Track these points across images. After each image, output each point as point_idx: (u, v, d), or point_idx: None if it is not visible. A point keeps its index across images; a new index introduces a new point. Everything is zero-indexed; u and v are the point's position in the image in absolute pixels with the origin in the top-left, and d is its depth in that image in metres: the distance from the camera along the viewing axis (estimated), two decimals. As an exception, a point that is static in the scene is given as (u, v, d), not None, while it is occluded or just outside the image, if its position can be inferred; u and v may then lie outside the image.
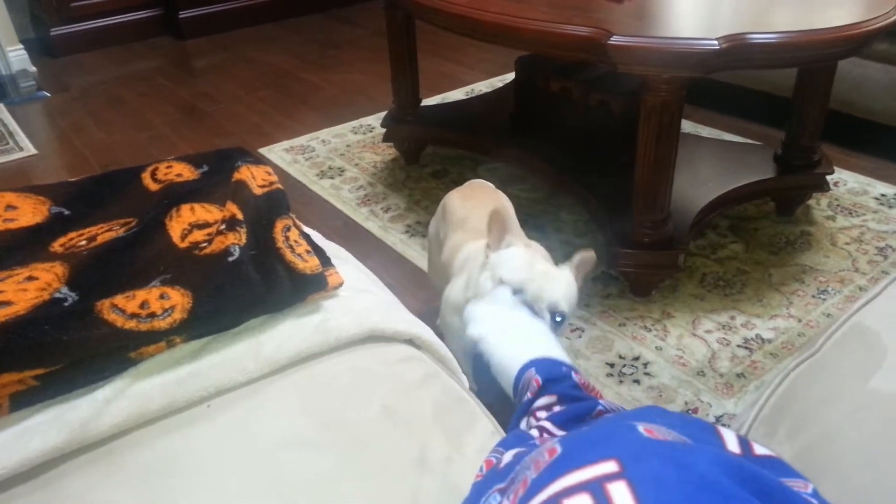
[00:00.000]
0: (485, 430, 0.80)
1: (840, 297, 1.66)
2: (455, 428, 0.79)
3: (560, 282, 1.06)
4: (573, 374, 0.81)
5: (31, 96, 3.14)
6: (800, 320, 1.60)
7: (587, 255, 1.12)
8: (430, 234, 1.53)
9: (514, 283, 1.02)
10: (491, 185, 1.50)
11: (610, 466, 0.44)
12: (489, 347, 0.90)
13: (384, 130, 2.36)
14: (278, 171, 2.39)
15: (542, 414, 0.77)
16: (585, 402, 0.76)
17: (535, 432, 0.74)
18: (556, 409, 0.77)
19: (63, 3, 3.54)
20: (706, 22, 1.58)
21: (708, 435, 0.57)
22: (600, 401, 0.76)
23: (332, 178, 2.34)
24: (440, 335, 0.92)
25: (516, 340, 0.90)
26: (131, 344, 0.73)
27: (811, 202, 2.01)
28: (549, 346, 0.88)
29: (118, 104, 3.06)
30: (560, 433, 0.72)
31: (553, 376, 0.80)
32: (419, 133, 2.32)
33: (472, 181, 1.54)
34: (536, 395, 0.79)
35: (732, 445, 0.55)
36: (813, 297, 1.67)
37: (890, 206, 2.00)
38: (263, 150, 2.55)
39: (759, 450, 0.55)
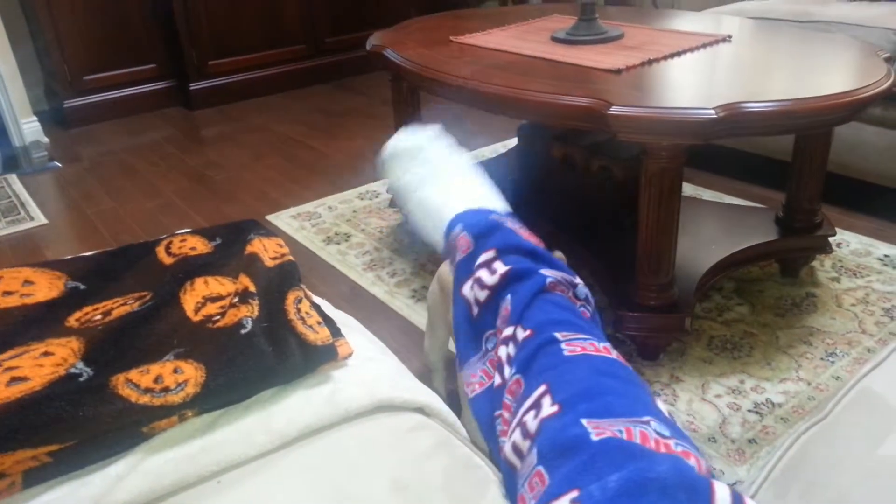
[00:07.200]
0: (496, 497, 0.80)
1: (848, 360, 1.65)
2: (466, 497, 0.78)
3: None
4: (506, 222, 0.74)
5: (43, 167, 3.20)
6: (809, 383, 1.59)
7: None
8: (428, 305, 1.54)
9: None
10: None
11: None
12: (409, 204, 0.83)
13: (390, 196, 2.40)
14: (286, 237, 2.42)
15: (486, 275, 0.68)
16: (531, 279, 0.66)
17: (500, 353, 0.65)
18: (499, 271, 0.67)
19: (77, 76, 3.65)
20: (703, 91, 1.62)
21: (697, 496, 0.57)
22: (546, 275, 0.66)
23: (338, 243, 2.37)
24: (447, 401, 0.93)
25: (438, 192, 0.81)
26: (144, 419, 0.73)
27: (815, 263, 2.03)
28: (476, 193, 0.80)
29: (129, 173, 3.12)
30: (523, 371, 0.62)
31: (482, 231, 0.72)
32: (424, 199, 2.35)
33: None
34: (470, 254, 0.71)
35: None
36: (821, 359, 1.66)
37: (894, 267, 2.01)
38: (271, 217, 2.59)
39: None
